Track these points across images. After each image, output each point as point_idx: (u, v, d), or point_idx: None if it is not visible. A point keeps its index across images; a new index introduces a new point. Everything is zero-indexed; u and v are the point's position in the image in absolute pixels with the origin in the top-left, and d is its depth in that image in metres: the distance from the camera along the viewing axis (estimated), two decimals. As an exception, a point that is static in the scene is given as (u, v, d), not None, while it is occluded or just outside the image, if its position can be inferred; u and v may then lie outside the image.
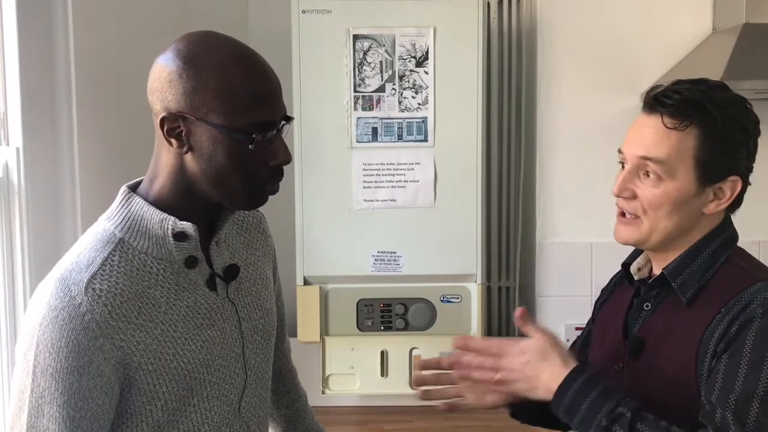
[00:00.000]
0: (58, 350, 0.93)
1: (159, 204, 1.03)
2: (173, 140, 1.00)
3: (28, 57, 1.62)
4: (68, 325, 0.94)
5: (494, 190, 2.47)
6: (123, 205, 1.04)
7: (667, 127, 1.14)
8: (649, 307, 1.22)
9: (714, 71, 2.00)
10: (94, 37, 1.80)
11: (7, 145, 1.61)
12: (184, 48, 1.00)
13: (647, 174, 1.16)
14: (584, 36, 2.37)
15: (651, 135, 1.15)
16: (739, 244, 1.22)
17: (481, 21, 2.11)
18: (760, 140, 1.18)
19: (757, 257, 1.22)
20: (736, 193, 1.16)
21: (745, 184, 1.18)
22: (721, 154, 1.14)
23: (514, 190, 2.48)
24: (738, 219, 1.23)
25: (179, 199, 1.04)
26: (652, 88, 1.18)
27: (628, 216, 1.19)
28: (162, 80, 1.00)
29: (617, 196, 1.20)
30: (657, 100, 1.15)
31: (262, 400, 1.18)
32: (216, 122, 0.98)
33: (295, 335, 2.19)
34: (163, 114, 0.99)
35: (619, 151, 1.21)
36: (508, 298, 2.51)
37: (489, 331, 2.48)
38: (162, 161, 1.04)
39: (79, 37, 1.72)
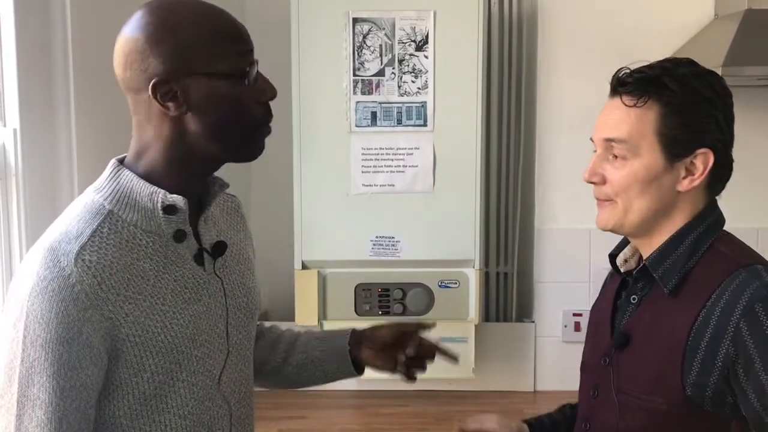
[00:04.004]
0: (47, 321, 0.94)
1: (148, 178, 1.04)
2: (170, 104, 1.00)
3: (25, 38, 1.61)
4: (58, 296, 0.94)
5: (493, 176, 2.46)
6: (112, 177, 1.04)
7: (626, 105, 1.13)
8: (636, 300, 1.20)
9: (715, 57, 1.99)
10: (92, 18, 1.79)
11: (4, 126, 1.61)
12: (150, 14, 1.01)
13: (615, 156, 1.15)
14: (585, 21, 2.35)
15: (614, 116, 1.15)
16: (737, 231, 1.20)
17: (482, 5, 2.10)
18: (757, 127, 1.16)
19: (755, 245, 1.20)
20: (708, 167, 1.12)
21: (724, 159, 1.14)
22: (684, 126, 1.11)
23: (513, 176, 2.47)
24: (735, 206, 1.21)
25: (171, 172, 1.04)
26: (616, 72, 1.18)
27: (603, 201, 1.19)
28: (138, 50, 1.00)
29: (587, 181, 1.19)
30: (619, 82, 1.16)
31: (245, 377, 1.19)
32: (208, 70, 1.00)
33: (293, 319, 2.19)
34: (153, 80, 0.99)
35: (591, 140, 1.21)
36: (506, 284, 2.51)
37: (486, 316, 2.48)
38: (151, 133, 1.03)
39: (77, 18, 1.71)
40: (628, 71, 1.16)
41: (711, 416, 1.11)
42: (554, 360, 2.43)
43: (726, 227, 1.19)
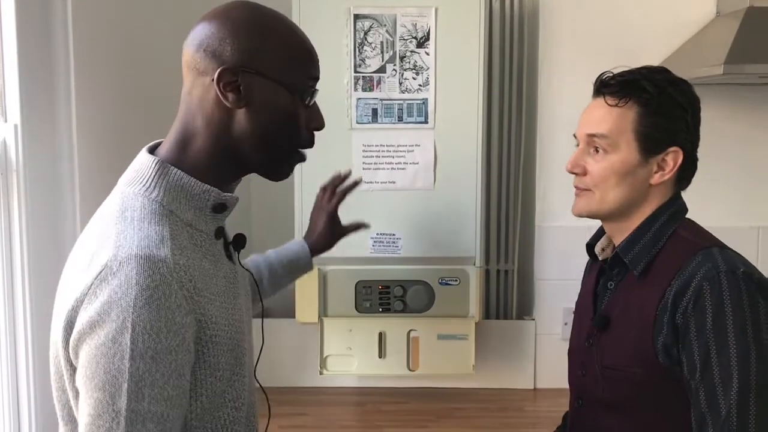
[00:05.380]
0: (158, 331, 0.91)
1: (195, 172, 1.03)
2: (230, 94, 1.01)
3: (26, 33, 1.61)
4: (164, 304, 0.92)
5: (494, 173, 2.46)
6: (160, 175, 1.02)
7: (609, 105, 1.26)
8: (612, 286, 1.32)
9: (717, 55, 1.99)
10: (93, 12, 1.79)
11: (5, 122, 1.60)
12: (242, 9, 1.04)
13: (596, 150, 1.28)
14: (586, 20, 2.35)
15: (597, 114, 1.28)
16: (737, 230, 1.25)
17: (483, 2, 2.09)
18: (758, 126, 1.20)
19: (755, 244, 1.27)
20: (678, 164, 1.26)
21: (691, 158, 1.28)
22: (658, 126, 1.24)
23: (514, 174, 2.47)
24: (735, 205, 1.25)
25: (215, 168, 1.04)
26: (600, 75, 1.30)
27: (582, 190, 1.32)
28: (217, 35, 1.01)
29: (570, 172, 1.32)
30: (602, 84, 1.29)
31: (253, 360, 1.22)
32: (275, 76, 1.03)
33: (293, 316, 2.19)
34: (222, 66, 1.00)
35: (574, 136, 1.33)
36: (507, 282, 2.51)
37: (487, 314, 2.49)
38: (200, 121, 1.03)
39: (78, 12, 1.71)
40: (610, 74, 1.29)
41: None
42: (554, 357, 2.43)
43: (726, 226, 1.28)
